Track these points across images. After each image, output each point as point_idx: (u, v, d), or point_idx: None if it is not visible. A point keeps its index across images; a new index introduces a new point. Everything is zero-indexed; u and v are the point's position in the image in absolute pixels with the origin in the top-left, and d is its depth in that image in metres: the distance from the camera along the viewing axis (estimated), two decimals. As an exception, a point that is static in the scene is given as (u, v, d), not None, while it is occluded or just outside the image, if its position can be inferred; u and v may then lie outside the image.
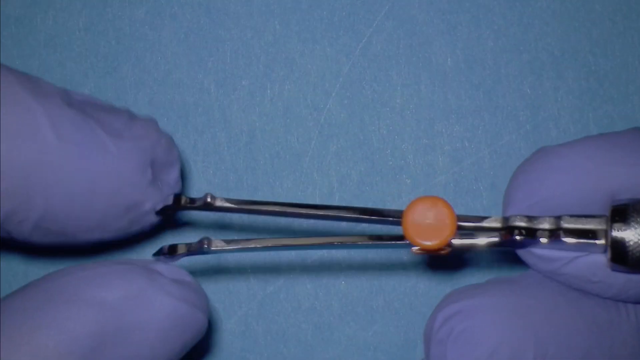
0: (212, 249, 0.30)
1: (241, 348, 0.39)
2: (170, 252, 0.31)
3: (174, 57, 0.40)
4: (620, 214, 0.28)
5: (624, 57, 0.39)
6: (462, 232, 0.30)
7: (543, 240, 0.29)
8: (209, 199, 0.30)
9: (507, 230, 0.29)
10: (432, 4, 0.40)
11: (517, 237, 0.29)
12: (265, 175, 0.40)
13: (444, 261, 0.40)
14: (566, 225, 0.29)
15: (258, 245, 0.30)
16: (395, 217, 0.30)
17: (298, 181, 0.39)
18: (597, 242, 0.29)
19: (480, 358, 0.29)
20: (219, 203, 0.31)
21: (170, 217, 0.40)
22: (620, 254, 0.28)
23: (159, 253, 0.31)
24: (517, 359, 0.29)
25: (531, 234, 0.29)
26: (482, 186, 0.39)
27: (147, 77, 0.40)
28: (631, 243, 0.28)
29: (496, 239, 0.29)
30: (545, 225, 0.29)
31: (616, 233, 0.28)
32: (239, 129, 0.40)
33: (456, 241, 0.29)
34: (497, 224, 0.30)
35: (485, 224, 0.30)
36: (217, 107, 0.40)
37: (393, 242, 0.30)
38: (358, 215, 0.30)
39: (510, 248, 0.30)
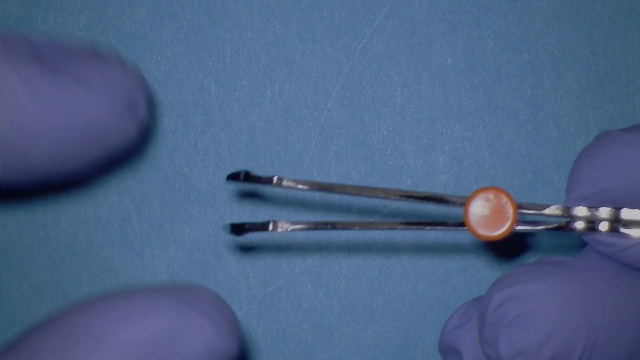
0: (278, 230, 0.31)
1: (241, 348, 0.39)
2: (238, 230, 0.31)
3: (174, 57, 0.40)
4: None
5: (624, 57, 0.39)
6: (523, 219, 0.30)
7: (602, 230, 0.30)
8: (275, 180, 0.31)
9: (568, 219, 0.30)
10: (433, 3, 0.40)
11: (577, 227, 0.30)
12: (265, 175, 0.40)
13: (443, 260, 0.40)
14: (625, 217, 0.29)
15: (322, 226, 0.31)
16: (458, 204, 0.30)
17: (298, 181, 0.39)
18: None
19: (532, 345, 0.29)
20: (285, 183, 0.31)
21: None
22: None
23: (229, 229, 0.31)
24: (569, 346, 0.29)
25: (591, 224, 0.30)
26: (482, 186, 0.39)
27: (147, 77, 0.40)
28: None
29: (556, 225, 0.30)
30: (605, 215, 0.30)
31: None
32: (239, 128, 0.40)
33: (517, 227, 0.30)
34: (558, 212, 0.30)
35: (546, 211, 0.30)
36: (217, 107, 0.40)
37: (455, 228, 0.30)
38: (421, 200, 0.31)
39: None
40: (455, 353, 0.32)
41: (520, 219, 0.30)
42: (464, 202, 0.30)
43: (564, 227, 0.30)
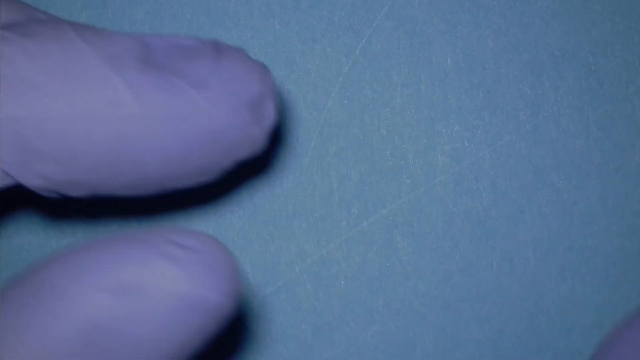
0: None
1: (241, 348, 0.39)
2: None
3: (173, 57, 0.40)
4: None
5: (624, 57, 0.39)
6: None
7: None
8: None
9: None
10: (432, 3, 0.39)
11: None
12: (265, 175, 0.39)
13: (443, 260, 0.40)
14: None
15: None
16: None
17: (298, 181, 0.39)
18: None
19: None
20: None
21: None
22: None
23: None
24: None
25: None
26: (482, 186, 0.39)
27: (147, 77, 0.40)
28: None
29: None
30: None
31: None
32: (239, 129, 0.40)
33: None
34: None
35: None
36: (216, 107, 0.40)
37: None
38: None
39: None
40: None
41: None
42: None
43: None
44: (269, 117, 0.29)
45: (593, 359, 0.29)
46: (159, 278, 0.26)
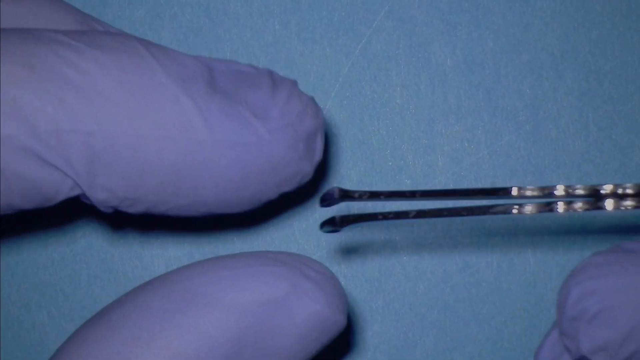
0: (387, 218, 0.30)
1: (241, 348, 0.39)
2: (342, 222, 0.29)
3: (173, 57, 0.40)
4: None
5: (624, 57, 0.39)
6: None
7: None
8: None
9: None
10: (432, 4, 0.39)
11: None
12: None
13: (443, 260, 0.40)
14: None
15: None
16: None
17: (298, 181, 0.39)
18: None
19: (615, 340, 0.29)
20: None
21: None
22: None
23: (329, 223, 0.30)
24: None
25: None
26: (482, 186, 0.39)
27: (146, 78, 0.40)
28: None
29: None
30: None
31: None
32: (239, 129, 0.39)
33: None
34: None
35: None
36: (216, 107, 0.40)
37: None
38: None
39: None
40: None
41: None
42: None
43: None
44: (318, 152, 0.29)
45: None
46: (305, 299, 0.28)
